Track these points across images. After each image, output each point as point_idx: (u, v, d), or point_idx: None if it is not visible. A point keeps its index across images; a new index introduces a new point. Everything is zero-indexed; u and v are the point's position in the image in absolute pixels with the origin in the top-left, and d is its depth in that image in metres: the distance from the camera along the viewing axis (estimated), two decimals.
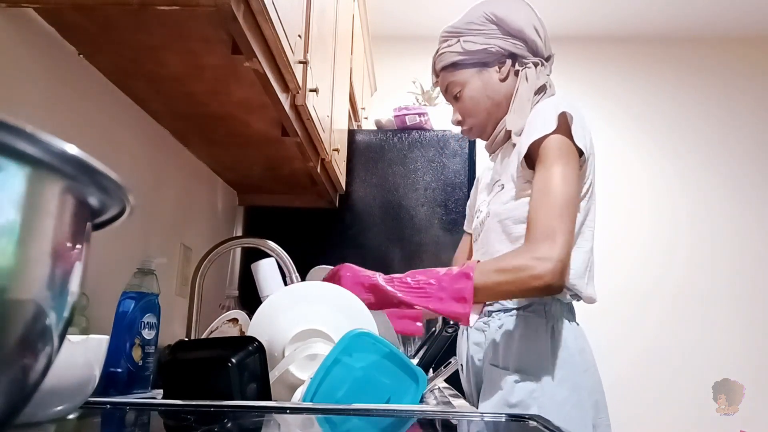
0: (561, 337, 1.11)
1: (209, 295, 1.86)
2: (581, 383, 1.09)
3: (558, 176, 1.07)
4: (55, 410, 0.64)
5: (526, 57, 1.22)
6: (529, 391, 1.06)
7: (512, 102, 1.22)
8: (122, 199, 0.30)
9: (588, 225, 1.16)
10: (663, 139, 3.58)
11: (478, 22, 1.22)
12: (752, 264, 3.40)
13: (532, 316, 1.12)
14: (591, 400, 1.09)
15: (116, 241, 1.31)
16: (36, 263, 0.25)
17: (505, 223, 1.16)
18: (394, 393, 0.82)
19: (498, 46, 1.21)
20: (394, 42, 3.59)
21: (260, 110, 1.35)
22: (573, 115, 1.10)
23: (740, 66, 3.63)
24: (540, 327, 1.11)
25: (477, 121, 1.26)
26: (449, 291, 1.01)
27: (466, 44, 1.22)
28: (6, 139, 0.22)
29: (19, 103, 0.99)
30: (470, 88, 1.24)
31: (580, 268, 1.12)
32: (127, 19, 0.98)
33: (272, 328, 0.93)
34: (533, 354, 1.09)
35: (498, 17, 1.21)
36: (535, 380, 1.07)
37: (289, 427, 0.72)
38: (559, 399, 1.06)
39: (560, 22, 3.47)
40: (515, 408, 1.05)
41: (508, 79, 1.23)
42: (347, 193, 2.27)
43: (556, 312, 1.13)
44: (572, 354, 1.10)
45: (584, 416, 1.07)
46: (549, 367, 1.08)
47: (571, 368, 1.09)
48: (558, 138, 1.09)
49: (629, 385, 3.20)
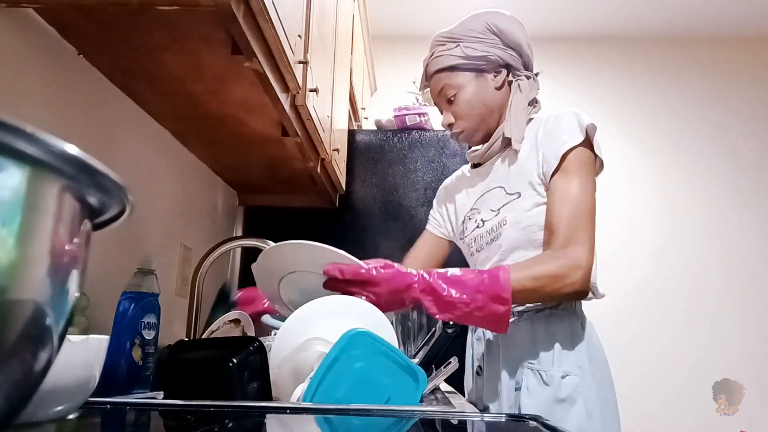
0: (589, 333, 1.17)
1: (209, 295, 1.86)
2: (605, 378, 1.16)
3: (580, 186, 1.13)
4: (55, 410, 0.64)
5: (520, 70, 1.27)
6: (575, 386, 1.11)
7: (508, 110, 1.25)
8: (122, 199, 0.30)
9: None
10: (670, 141, 3.58)
11: (479, 30, 1.25)
12: (752, 264, 3.40)
13: (564, 314, 1.17)
14: (613, 394, 1.16)
15: (116, 241, 1.31)
16: (36, 263, 0.25)
17: (530, 229, 1.18)
18: (394, 392, 0.82)
19: (497, 55, 1.25)
20: (394, 42, 3.59)
21: (260, 110, 1.35)
22: (596, 127, 1.16)
23: (741, 66, 3.63)
24: (574, 324, 1.17)
25: (469, 125, 1.28)
26: (486, 313, 1.04)
27: (466, 49, 1.25)
28: (6, 139, 0.22)
29: (19, 103, 0.99)
30: (466, 92, 1.26)
31: (595, 269, 1.18)
32: (127, 19, 0.98)
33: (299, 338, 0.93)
34: (572, 350, 1.14)
35: (499, 29, 1.25)
36: (577, 375, 1.12)
37: (289, 427, 0.72)
38: (594, 392, 1.12)
39: (561, 22, 3.48)
40: (564, 403, 1.10)
41: (503, 88, 1.27)
42: (347, 193, 2.27)
43: (580, 310, 1.20)
44: (597, 350, 1.17)
45: (613, 409, 1.14)
46: (585, 363, 1.13)
47: (598, 363, 1.15)
48: (581, 149, 1.15)
49: (629, 385, 3.20)
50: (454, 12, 3.52)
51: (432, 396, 1.09)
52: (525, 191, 1.19)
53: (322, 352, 0.84)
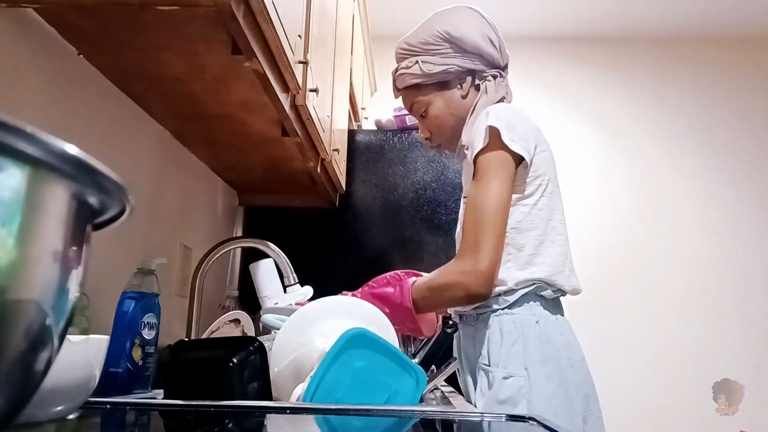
0: (547, 333, 1.13)
1: (209, 295, 1.86)
2: (569, 377, 1.11)
3: (483, 190, 1.13)
4: (55, 410, 0.64)
5: (484, 71, 1.26)
6: (517, 388, 1.08)
7: (469, 116, 1.25)
8: (122, 199, 0.30)
9: (556, 219, 1.19)
10: (664, 138, 3.58)
11: (433, 42, 1.25)
12: (752, 263, 3.40)
13: (517, 314, 1.14)
14: (580, 394, 1.11)
15: (116, 241, 1.31)
16: (36, 263, 0.25)
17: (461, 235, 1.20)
18: (394, 392, 0.82)
19: (456, 65, 1.24)
20: (394, 42, 3.57)
21: (260, 110, 1.35)
22: (500, 126, 1.13)
23: (740, 66, 3.62)
24: (526, 325, 1.13)
25: (443, 138, 1.31)
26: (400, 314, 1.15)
27: (424, 66, 1.25)
28: (6, 139, 0.22)
29: (19, 103, 0.99)
30: (434, 107, 1.27)
31: (558, 263, 1.16)
32: (127, 19, 0.98)
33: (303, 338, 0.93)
34: (520, 351, 1.11)
35: (452, 36, 1.23)
36: (522, 377, 1.09)
37: (289, 427, 0.72)
38: (547, 394, 1.08)
39: (564, 21, 3.47)
40: (505, 404, 1.08)
41: (470, 95, 1.27)
42: (347, 193, 2.27)
43: (540, 309, 1.15)
44: (558, 349, 1.12)
45: (573, 409, 1.09)
46: (536, 364, 1.10)
47: (557, 363, 1.11)
48: (489, 152, 1.14)
49: (629, 385, 3.20)
50: None
51: (432, 396, 1.10)
52: None
53: (322, 351, 0.84)
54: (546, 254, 1.15)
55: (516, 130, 1.14)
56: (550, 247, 1.15)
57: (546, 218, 1.17)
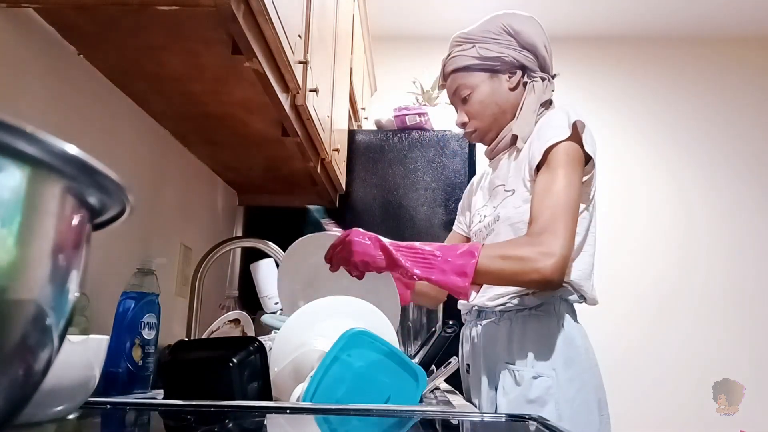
0: (571, 336, 1.14)
1: (209, 295, 1.86)
2: (587, 381, 1.12)
3: (562, 179, 1.11)
4: (55, 410, 0.64)
5: (535, 71, 1.27)
6: (546, 388, 1.10)
7: (519, 109, 1.26)
8: (122, 199, 0.30)
9: (592, 231, 1.21)
10: (660, 140, 3.58)
11: (494, 32, 1.26)
12: (752, 263, 3.40)
13: (543, 315, 1.15)
14: (596, 398, 1.13)
15: (116, 241, 1.31)
16: (36, 263, 0.25)
17: (517, 226, 1.18)
18: (394, 392, 0.82)
19: (512, 57, 1.25)
20: (394, 42, 3.59)
21: (260, 110, 1.35)
22: (585, 124, 1.15)
23: (741, 66, 3.62)
24: (552, 326, 1.14)
25: (482, 125, 1.29)
26: (453, 265, 1.04)
27: (481, 50, 1.25)
28: (6, 139, 0.22)
29: (19, 103, 0.99)
30: (480, 92, 1.27)
31: (586, 271, 1.17)
32: (127, 19, 0.98)
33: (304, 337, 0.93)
34: (548, 352, 1.12)
35: (515, 30, 1.25)
36: (551, 377, 1.10)
37: (289, 427, 0.72)
38: (570, 396, 1.10)
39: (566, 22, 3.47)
40: (533, 404, 1.09)
41: (517, 89, 1.27)
42: (347, 193, 2.27)
43: (563, 312, 1.16)
44: (579, 353, 1.14)
45: (591, 413, 1.11)
46: (561, 366, 1.11)
47: (578, 367, 1.12)
48: (568, 144, 1.14)
49: (629, 386, 3.20)
50: (453, 12, 3.52)
51: (432, 396, 1.10)
52: (518, 188, 1.20)
53: (322, 351, 0.84)
54: (579, 260, 1.16)
55: (590, 134, 1.16)
56: (582, 256, 1.17)
57: (586, 227, 1.18)
